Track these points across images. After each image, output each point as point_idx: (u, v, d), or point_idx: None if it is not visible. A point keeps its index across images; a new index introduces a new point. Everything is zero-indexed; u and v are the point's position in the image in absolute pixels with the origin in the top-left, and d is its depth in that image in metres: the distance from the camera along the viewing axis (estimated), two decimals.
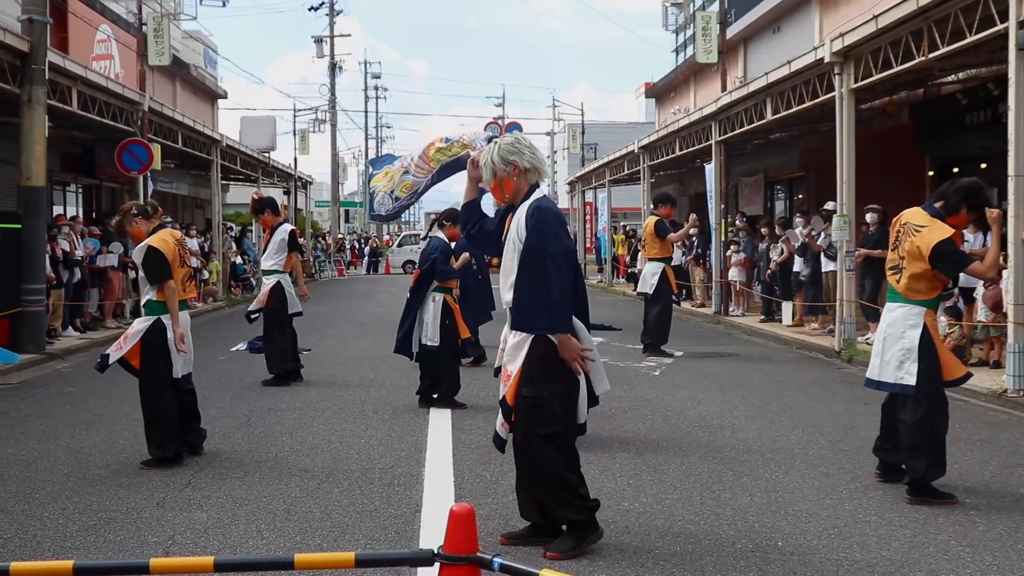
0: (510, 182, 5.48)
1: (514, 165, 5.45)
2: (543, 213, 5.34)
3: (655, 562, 5.25)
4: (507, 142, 5.53)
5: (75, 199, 25.11)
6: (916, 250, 6.49)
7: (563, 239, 5.35)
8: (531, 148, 5.54)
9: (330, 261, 44.55)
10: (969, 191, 6.61)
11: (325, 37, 50.91)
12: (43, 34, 14.55)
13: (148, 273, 7.62)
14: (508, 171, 5.46)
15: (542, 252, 5.27)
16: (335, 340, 16.27)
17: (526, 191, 5.49)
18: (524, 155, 5.47)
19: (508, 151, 5.46)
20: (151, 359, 7.58)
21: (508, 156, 5.46)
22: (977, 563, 5.23)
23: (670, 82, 40.75)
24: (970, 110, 16.74)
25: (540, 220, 5.32)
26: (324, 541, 5.64)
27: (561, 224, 5.41)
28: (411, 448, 8.04)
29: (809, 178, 24.19)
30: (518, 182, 5.48)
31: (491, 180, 5.54)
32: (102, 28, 26.97)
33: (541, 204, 5.40)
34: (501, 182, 5.50)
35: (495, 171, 5.49)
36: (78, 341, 15.72)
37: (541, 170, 5.53)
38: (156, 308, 7.60)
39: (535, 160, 5.50)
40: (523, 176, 5.47)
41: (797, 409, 9.88)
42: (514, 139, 5.58)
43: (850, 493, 6.58)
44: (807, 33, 25.55)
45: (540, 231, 5.30)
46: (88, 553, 5.45)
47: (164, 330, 7.56)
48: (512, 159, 5.45)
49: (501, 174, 5.48)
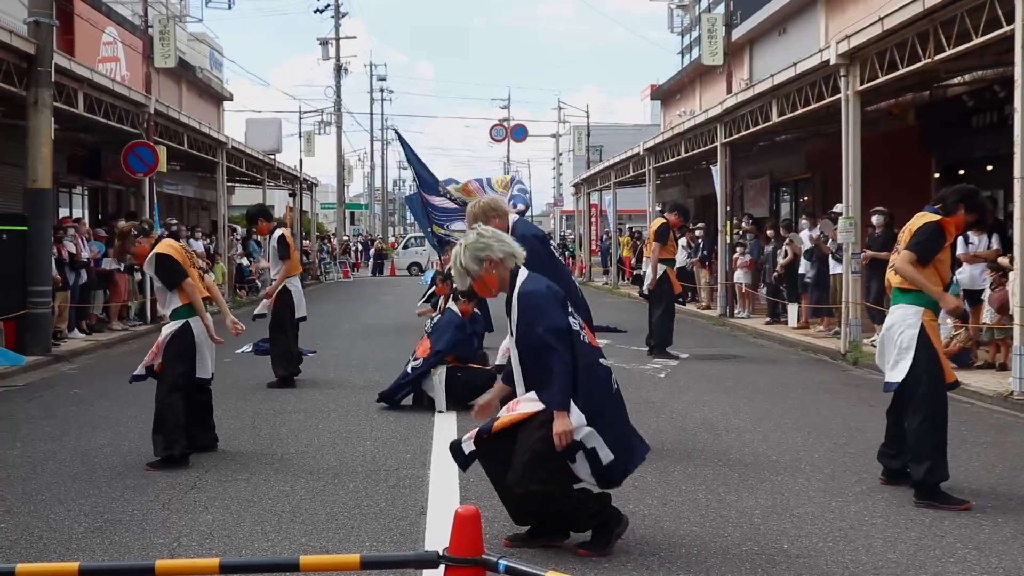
0: (491, 276, 5.43)
1: (488, 260, 5.39)
2: (528, 298, 5.32)
3: (660, 564, 5.25)
4: (471, 241, 5.43)
5: (81, 201, 25.15)
6: (907, 234, 6.59)
7: (553, 316, 5.26)
8: (496, 237, 5.49)
9: (335, 263, 44.56)
10: (966, 192, 6.72)
11: (330, 39, 50.91)
12: (49, 36, 14.58)
13: (165, 279, 7.72)
14: (485, 268, 5.40)
15: (535, 336, 5.26)
16: (341, 342, 16.27)
17: (510, 277, 5.44)
18: (493, 247, 5.40)
19: (476, 249, 5.39)
20: (170, 361, 7.66)
21: (479, 254, 5.38)
22: (983, 566, 5.22)
23: (675, 84, 40.73)
24: (976, 112, 16.71)
25: (526, 305, 5.31)
26: (329, 543, 5.64)
27: (549, 299, 5.32)
28: (416, 450, 8.04)
29: (815, 180, 24.17)
30: (499, 273, 5.43)
31: (471, 282, 5.52)
32: (108, 30, 27.01)
33: (524, 289, 5.35)
34: (483, 280, 5.46)
35: (471, 273, 5.44)
36: (84, 343, 15.75)
37: (515, 253, 5.46)
38: (183, 312, 7.69)
39: (505, 246, 5.44)
40: (501, 266, 5.41)
41: (802, 411, 9.87)
42: (476, 235, 5.47)
43: (856, 496, 6.57)
44: (813, 35, 25.52)
45: (529, 316, 5.29)
46: (94, 555, 5.46)
47: (191, 333, 7.65)
48: (483, 255, 5.38)
49: (478, 275, 5.43)
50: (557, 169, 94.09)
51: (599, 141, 54.04)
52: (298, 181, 38.49)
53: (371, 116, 75.79)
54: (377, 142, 79.83)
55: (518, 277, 5.43)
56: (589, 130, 51.98)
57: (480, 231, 5.53)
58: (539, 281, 5.43)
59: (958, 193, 6.67)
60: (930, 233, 6.47)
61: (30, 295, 14.13)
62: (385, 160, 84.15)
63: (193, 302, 7.66)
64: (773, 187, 27.73)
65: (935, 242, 6.48)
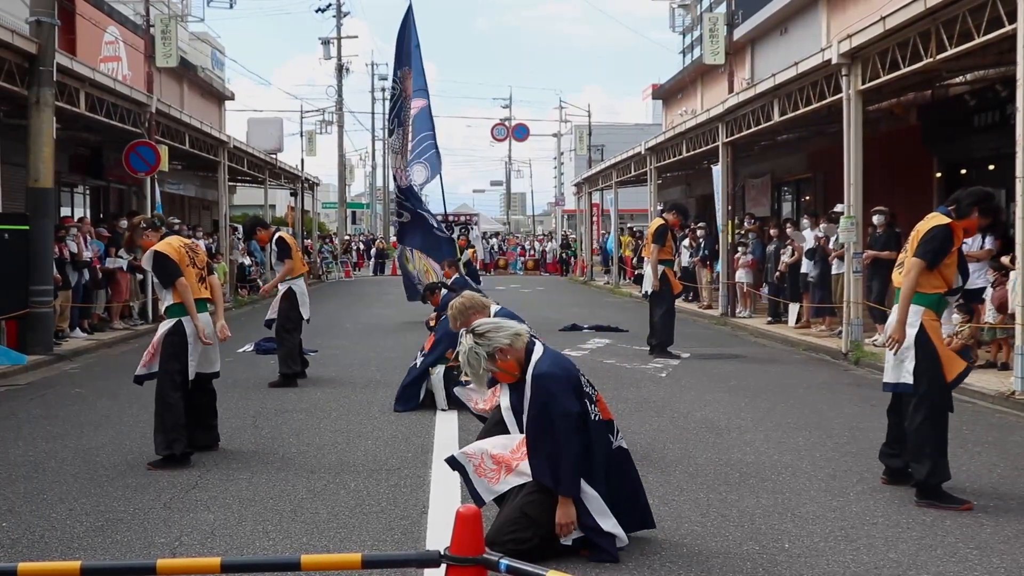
0: (508, 363, 5.41)
1: (500, 351, 5.37)
2: (541, 381, 5.30)
3: (661, 563, 5.25)
4: (471, 346, 5.37)
5: (83, 201, 25.17)
6: (916, 236, 6.58)
7: (564, 401, 5.25)
8: (494, 325, 5.46)
9: (337, 262, 44.57)
10: (981, 195, 6.68)
11: (332, 39, 50.90)
12: (51, 36, 14.59)
13: (159, 277, 7.82)
14: (500, 360, 5.39)
15: (547, 420, 5.25)
16: (342, 341, 16.28)
17: (524, 356, 5.42)
18: (499, 337, 5.38)
19: (486, 346, 5.35)
20: (166, 359, 7.68)
21: (487, 351, 5.36)
22: (985, 565, 5.22)
23: (677, 83, 40.73)
24: (978, 111, 16.69)
25: (539, 388, 5.30)
26: (331, 542, 5.64)
27: (562, 383, 5.30)
28: (418, 449, 8.05)
29: (816, 180, 24.16)
30: (514, 356, 5.41)
31: (491, 377, 5.53)
32: (110, 30, 27.03)
33: (538, 372, 5.33)
34: (502, 371, 5.46)
35: (489, 370, 5.44)
36: (86, 342, 15.75)
37: (519, 332, 5.44)
38: (176, 311, 7.73)
39: (505, 332, 5.41)
40: (511, 350, 5.39)
41: (804, 411, 9.86)
42: (472, 338, 5.41)
43: (857, 495, 6.57)
44: (814, 34, 25.51)
45: (543, 399, 5.27)
46: (95, 554, 5.46)
47: (184, 332, 7.68)
48: (491, 350, 5.36)
49: (495, 369, 5.43)
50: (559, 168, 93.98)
51: (600, 140, 54.00)
52: (299, 180, 38.48)
53: (372, 115, 75.52)
54: (379, 141, 79.69)
55: (533, 355, 5.41)
56: (591, 129, 51.99)
57: (474, 330, 5.46)
58: (554, 362, 5.40)
59: (973, 196, 6.62)
60: (940, 238, 6.44)
61: (32, 294, 14.14)
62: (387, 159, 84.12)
63: (184, 302, 7.67)
64: (774, 187, 27.72)
65: (944, 247, 6.46)
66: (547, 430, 5.25)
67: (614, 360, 13.54)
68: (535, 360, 5.38)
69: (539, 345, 5.48)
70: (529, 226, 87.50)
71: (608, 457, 5.45)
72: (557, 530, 5.25)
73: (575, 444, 5.22)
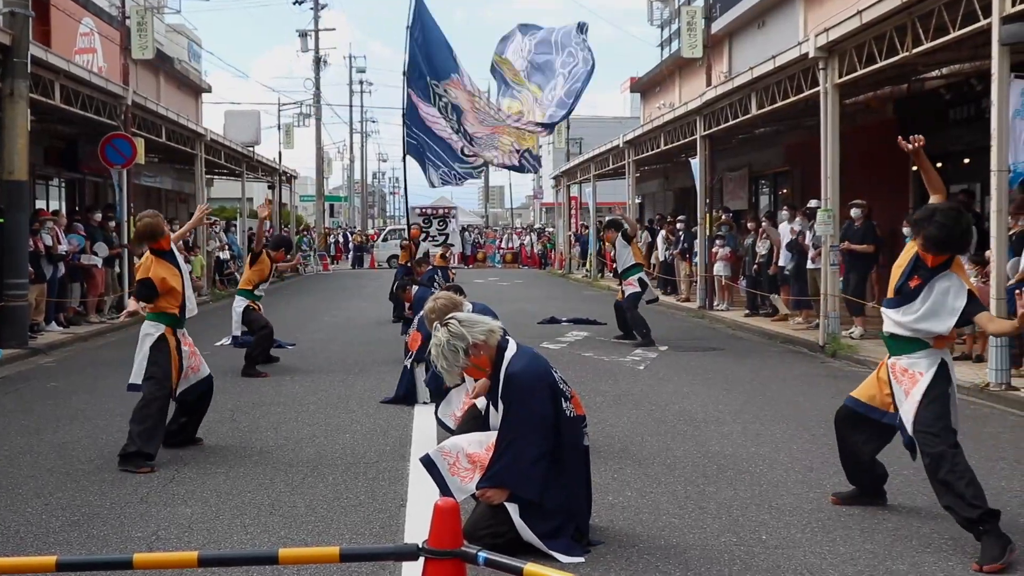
0: (480, 359, 5.39)
1: (474, 346, 5.34)
2: (514, 380, 5.30)
3: (639, 555, 5.26)
4: (445, 340, 5.34)
5: (58, 193, 24.95)
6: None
7: (534, 402, 5.25)
8: (467, 323, 5.42)
9: (315, 255, 44.45)
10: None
11: (310, 31, 50.73)
12: (25, 27, 14.46)
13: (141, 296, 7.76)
14: (473, 355, 5.35)
15: (515, 419, 5.25)
16: (321, 335, 16.23)
17: (495, 353, 5.41)
18: (472, 334, 5.35)
19: (460, 340, 5.32)
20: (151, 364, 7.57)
21: (460, 345, 5.32)
22: (959, 555, 5.27)
23: (655, 77, 40.78)
24: (953, 105, 16.80)
25: (511, 387, 5.30)
26: (309, 535, 5.63)
27: (534, 383, 5.30)
28: (396, 443, 8.04)
29: (793, 173, 24.24)
30: (487, 354, 5.39)
31: (464, 373, 5.52)
32: (85, 21, 26.80)
33: (511, 371, 5.32)
34: (474, 367, 5.45)
35: (461, 366, 5.41)
36: (61, 336, 15.65)
37: (493, 329, 5.43)
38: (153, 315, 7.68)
39: (479, 327, 5.39)
40: (485, 346, 5.37)
41: (781, 403, 9.91)
42: (446, 332, 5.37)
43: (834, 487, 6.60)
44: (792, 28, 25.61)
45: (515, 398, 5.28)
46: (71, 548, 5.43)
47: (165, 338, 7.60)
48: (464, 345, 5.32)
49: (468, 364, 5.40)
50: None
51: (579, 133, 54.03)
52: (277, 173, 38.33)
53: (351, 108, 75.37)
54: (356, 134, 79.65)
55: (506, 352, 5.40)
56: (569, 122, 51.95)
57: (448, 325, 5.42)
58: (526, 361, 5.39)
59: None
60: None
61: (6, 288, 14.03)
62: (365, 152, 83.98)
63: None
64: (752, 180, 27.80)
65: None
66: (515, 428, 5.25)
67: (592, 353, 13.56)
68: (508, 358, 5.37)
69: (512, 343, 5.48)
70: (508, 219, 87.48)
71: (584, 453, 5.47)
72: (479, 495, 5.29)
73: (540, 446, 5.23)
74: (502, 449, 5.26)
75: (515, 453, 5.21)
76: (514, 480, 5.22)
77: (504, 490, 5.24)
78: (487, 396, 5.61)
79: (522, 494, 5.21)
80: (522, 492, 5.21)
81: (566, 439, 5.32)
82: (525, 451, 5.20)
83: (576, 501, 5.36)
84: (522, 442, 5.21)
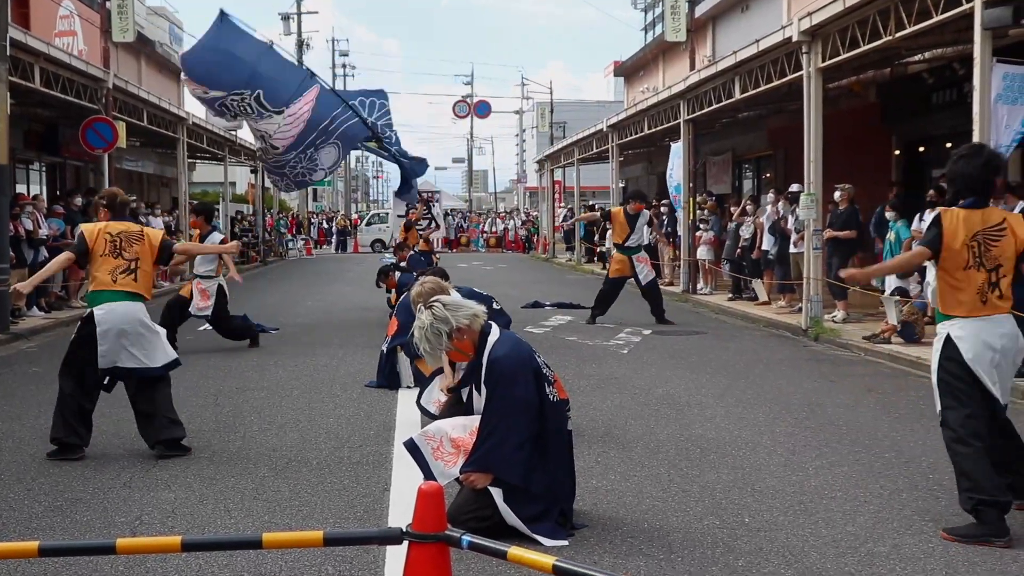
0: (464, 343, 5.39)
1: (457, 330, 5.34)
2: (498, 365, 5.30)
3: (623, 539, 5.29)
4: (429, 322, 5.33)
5: (39, 178, 24.80)
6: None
7: (517, 387, 5.25)
8: (452, 306, 5.41)
9: (296, 239, 44.35)
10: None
11: (292, 14, 50.52)
12: (4, 9, 14.31)
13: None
14: (456, 339, 5.35)
15: (499, 403, 5.25)
16: (304, 319, 16.19)
17: (479, 338, 5.40)
18: (456, 318, 5.33)
19: (443, 323, 5.31)
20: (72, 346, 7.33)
21: (444, 329, 5.31)
22: (940, 538, 5.31)
23: (639, 61, 40.72)
24: (936, 90, 16.85)
25: (494, 372, 5.30)
26: (293, 520, 5.63)
27: (517, 368, 5.30)
28: (380, 427, 8.04)
29: (777, 157, 24.29)
30: (471, 338, 5.39)
31: (446, 355, 5.53)
32: (65, 4, 26.55)
33: (494, 356, 5.33)
34: (457, 351, 5.45)
35: (444, 349, 5.42)
36: (43, 321, 15.56)
37: (477, 313, 5.42)
38: (90, 298, 7.31)
39: (464, 311, 5.38)
40: (468, 331, 5.37)
41: (764, 387, 9.95)
42: (430, 314, 5.37)
43: (816, 470, 6.65)
44: (775, 12, 25.58)
45: (495, 383, 5.29)
46: (54, 534, 5.42)
47: (93, 322, 7.14)
48: (448, 329, 5.31)
49: (450, 348, 5.41)
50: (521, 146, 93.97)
51: (563, 118, 54.08)
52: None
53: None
54: None
55: (488, 337, 5.40)
56: (552, 107, 51.97)
57: (432, 308, 5.41)
58: (510, 346, 5.39)
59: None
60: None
61: None
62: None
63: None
64: (736, 164, 27.85)
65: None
66: (499, 413, 5.26)
67: (576, 337, 13.57)
68: (492, 343, 5.38)
69: (495, 327, 5.48)
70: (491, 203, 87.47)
71: (568, 438, 5.48)
72: (463, 479, 5.30)
73: (524, 430, 5.24)
74: (486, 434, 5.27)
75: (499, 437, 5.22)
76: (498, 464, 5.23)
77: (488, 474, 5.25)
78: (471, 380, 5.61)
79: (506, 478, 5.22)
80: (506, 476, 5.22)
81: (550, 423, 5.33)
82: (509, 435, 5.21)
83: (560, 485, 5.38)
84: (506, 426, 5.22)
